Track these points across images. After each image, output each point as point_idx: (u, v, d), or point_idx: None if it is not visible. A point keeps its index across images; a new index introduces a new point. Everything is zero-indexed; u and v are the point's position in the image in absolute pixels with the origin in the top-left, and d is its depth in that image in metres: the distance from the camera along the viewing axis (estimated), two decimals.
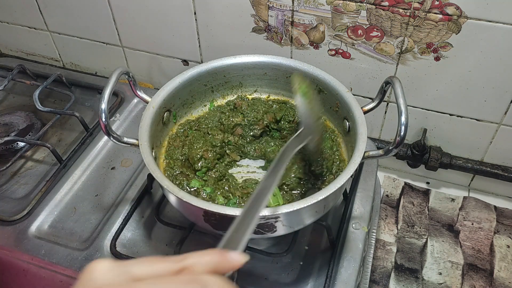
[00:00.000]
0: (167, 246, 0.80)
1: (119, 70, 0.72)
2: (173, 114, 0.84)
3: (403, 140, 0.63)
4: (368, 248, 0.88)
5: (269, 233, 0.67)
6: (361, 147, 0.68)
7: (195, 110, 0.89)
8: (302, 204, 0.61)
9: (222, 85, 0.88)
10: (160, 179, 0.65)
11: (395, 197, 1.05)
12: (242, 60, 0.85)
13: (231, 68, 0.86)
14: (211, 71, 0.85)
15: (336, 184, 0.64)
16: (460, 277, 0.91)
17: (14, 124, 1.02)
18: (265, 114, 0.85)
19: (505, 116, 0.92)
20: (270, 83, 0.88)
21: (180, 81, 0.82)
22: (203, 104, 0.89)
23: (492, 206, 1.03)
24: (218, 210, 0.61)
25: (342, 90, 0.77)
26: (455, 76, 0.90)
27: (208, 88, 0.87)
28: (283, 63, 0.84)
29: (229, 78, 0.87)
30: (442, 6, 0.80)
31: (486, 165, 1.00)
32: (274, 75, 0.86)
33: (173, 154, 0.80)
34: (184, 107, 0.86)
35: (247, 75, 0.87)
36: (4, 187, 0.91)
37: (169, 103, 0.81)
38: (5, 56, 1.34)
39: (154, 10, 1.04)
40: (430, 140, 1.03)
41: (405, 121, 0.63)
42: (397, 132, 0.64)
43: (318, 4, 0.88)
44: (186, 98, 0.86)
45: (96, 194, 0.89)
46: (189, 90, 0.85)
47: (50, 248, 0.79)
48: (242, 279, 0.74)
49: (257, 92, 0.90)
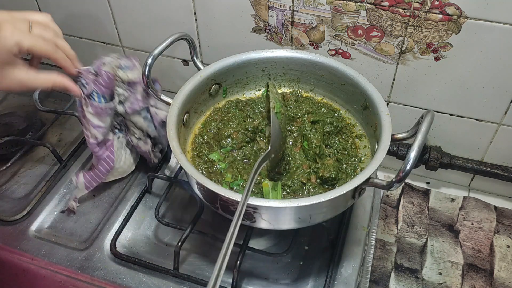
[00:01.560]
0: (167, 246, 0.80)
1: (179, 33, 0.77)
2: (223, 88, 0.87)
3: (407, 176, 0.60)
4: (368, 248, 0.88)
5: (249, 221, 0.68)
6: (367, 172, 0.65)
7: (248, 92, 0.91)
8: (279, 204, 0.62)
9: (280, 76, 0.89)
10: (171, 138, 0.70)
11: (395, 197, 1.05)
12: (300, 56, 0.86)
13: (290, 61, 0.87)
14: (270, 59, 0.87)
15: (320, 198, 0.62)
16: (460, 277, 0.91)
17: (14, 124, 1.02)
18: (308, 114, 0.84)
19: (505, 116, 0.92)
20: (326, 86, 0.88)
21: (236, 60, 0.85)
22: (258, 88, 0.91)
23: (492, 206, 1.03)
24: (204, 183, 0.64)
25: (383, 111, 0.75)
26: (455, 76, 0.90)
27: (265, 74, 0.89)
28: (339, 68, 0.83)
29: (287, 70, 0.88)
30: (442, 6, 0.80)
31: (486, 165, 1.00)
32: (331, 79, 0.86)
33: (209, 124, 0.83)
34: (237, 85, 0.89)
35: (305, 72, 0.88)
36: (4, 187, 0.91)
37: (220, 77, 0.85)
38: None
39: (154, 10, 1.04)
40: (430, 140, 1.03)
41: (414, 158, 0.59)
42: (402, 166, 0.60)
43: (318, 4, 0.88)
44: (240, 78, 0.88)
45: (96, 194, 0.89)
46: (244, 71, 0.87)
47: (50, 248, 0.79)
48: (242, 279, 0.74)
49: (313, 91, 0.90)
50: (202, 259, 0.78)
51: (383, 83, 0.96)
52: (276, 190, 0.73)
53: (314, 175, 0.76)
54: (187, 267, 0.76)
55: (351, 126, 0.84)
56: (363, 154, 0.80)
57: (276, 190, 0.73)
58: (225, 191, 0.63)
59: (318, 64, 0.85)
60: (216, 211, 0.71)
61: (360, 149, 0.81)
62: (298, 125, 0.83)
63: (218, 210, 0.70)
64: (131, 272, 0.75)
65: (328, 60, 0.84)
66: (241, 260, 0.72)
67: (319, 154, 0.77)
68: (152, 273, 0.75)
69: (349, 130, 0.84)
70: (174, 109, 0.76)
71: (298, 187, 0.74)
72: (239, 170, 0.76)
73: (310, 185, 0.75)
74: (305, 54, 0.86)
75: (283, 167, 0.77)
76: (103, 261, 0.77)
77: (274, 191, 0.72)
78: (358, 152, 0.81)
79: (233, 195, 0.62)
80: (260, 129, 0.82)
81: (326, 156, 0.78)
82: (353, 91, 0.82)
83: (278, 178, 0.75)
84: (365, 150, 0.81)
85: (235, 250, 0.75)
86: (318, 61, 0.85)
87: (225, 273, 0.74)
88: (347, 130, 0.83)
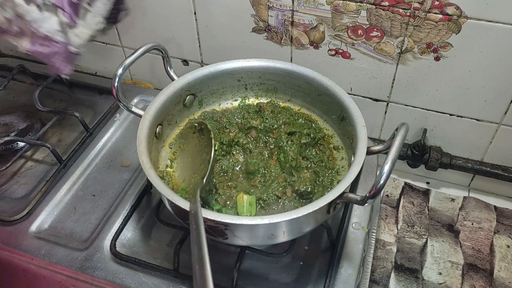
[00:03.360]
0: (167, 246, 0.80)
1: (151, 44, 0.75)
2: (198, 99, 0.85)
3: (381, 190, 0.57)
4: (368, 248, 0.88)
5: (221, 238, 0.66)
6: (342, 187, 0.63)
7: (225, 102, 0.89)
8: (250, 221, 0.60)
9: (257, 85, 0.88)
10: (140, 152, 0.68)
11: (395, 197, 1.05)
12: (276, 65, 0.84)
13: (267, 71, 0.85)
14: (246, 69, 0.85)
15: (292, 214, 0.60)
16: (460, 277, 0.91)
17: (14, 124, 1.02)
18: (284, 125, 0.83)
19: (505, 116, 0.92)
20: (304, 96, 0.86)
21: (211, 70, 0.83)
22: (234, 98, 0.89)
23: (492, 206, 1.03)
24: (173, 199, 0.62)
25: (359, 123, 0.73)
26: (455, 76, 0.90)
27: (241, 84, 0.88)
28: (316, 79, 0.81)
29: (264, 80, 0.87)
30: (442, 6, 0.80)
31: (486, 165, 1.00)
32: (308, 89, 0.84)
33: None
34: (213, 96, 0.87)
35: (282, 82, 0.86)
36: (4, 187, 0.91)
37: (194, 87, 0.83)
38: (5, 56, 1.34)
39: (154, 10, 1.04)
40: (430, 140, 1.03)
41: (388, 171, 0.57)
42: (375, 181, 0.57)
43: (318, 4, 0.88)
44: (216, 88, 0.86)
45: (96, 194, 0.89)
46: (220, 81, 0.85)
47: (50, 248, 0.79)
48: (242, 279, 0.74)
49: (290, 102, 0.88)
50: None
51: (383, 83, 0.96)
52: (251, 204, 0.72)
53: (290, 189, 0.74)
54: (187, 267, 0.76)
55: (329, 137, 0.83)
56: (340, 166, 0.79)
57: (251, 204, 0.72)
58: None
59: (295, 74, 0.83)
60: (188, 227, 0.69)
61: (337, 160, 0.80)
62: (274, 136, 0.82)
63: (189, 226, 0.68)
64: (131, 272, 0.75)
65: (305, 70, 0.82)
66: (241, 260, 0.72)
67: (295, 167, 0.76)
68: (152, 273, 0.75)
69: (327, 141, 0.82)
70: (145, 122, 0.73)
71: (273, 201, 0.73)
72: (214, 184, 0.74)
73: (286, 198, 0.73)
74: (282, 64, 0.84)
75: (258, 180, 0.76)
76: (103, 261, 0.77)
77: (249, 206, 0.71)
78: (335, 164, 0.79)
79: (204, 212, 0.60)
80: (235, 142, 0.80)
81: (303, 169, 0.77)
82: (330, 101, 0.80)
83: (253, 192, 0.74)
84: (343, 161, 0.79)
85: (235, 250, 0.75)
86: (295, 71, 0.83)
87: (225, 273, 0.74)
88: (325, 142, 0.82)
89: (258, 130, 0.82)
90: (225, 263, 0.76)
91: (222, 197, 0.73)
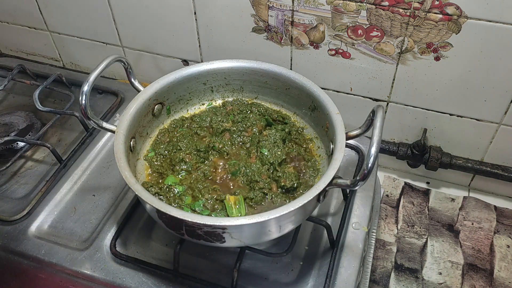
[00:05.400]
0: (167, 246, 0.80)
1: (113, 56, 0.73)
2: (166, 108, 0.84)
3: (371, 172, 0.59)
4: (368, 248, 0.88)
5: (218, 242, 0.66)
6: (330, 173, 0.64)
7: (192, 107, 0.89)
8: (249, 220, 0.60)
9: (223, 87, 0.88)
10: (121, 168, 0.67)
11: (395, 197, 1.05)
12: (241, 65, 0.84)
13: (231, 71, 0.85)
14: (211, 71, 0.85)
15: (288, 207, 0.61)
16: (460, 277, 0.91)
17: (14, 124, 1.02)
18: (256, 121, 0.84)
19: (505, 116, 0.92)
20: (271, 92, 0.87)
21: (176, 77, 0.82)
22: (202, 102, 0.89)
23: (492, 206, 1.03)
24: (166, 210, 0.61)
25: (333, 111, 0.74)
26: (455, 76, 0.90)
27: (207, 88, 0.87)
28: (282, 74, 0.82)
29: (229, 81, 0.87)
30: (442, 6, 0.80)
31: (486, 165, 1.00)
32: (275, 84, 0.85)
33: (158, 147, 0.81)
34: (180, 102, 0.86)
35: (248, 80, 0.86)
36: (4, 187, 0.91)
37: (162, 96, 0.82)
38: (5, 56, 1.34)
39: (154, 10, 1.04)
40: (430, 140, 1.03)
41: (374, 153, 0.58)
42: (364, 164, 0.59)
43: (318, 4, 0.88)
44: (183, 94, 0.85)
45: (96, 194, 0.89)
46: (186, 86, 0.85)
47: (50, 248, 0.79)
48: (242, 279, 0.74)
49: (257, 99, 0.89)
50: (202, 259, 0.78)
51: (383, 83, 0.96)
52: (240, 204, 0.72)
53: (275, 184, 0.75)
54: (187, 267, 0.76)
55: (302, 129, 0.84)
56: (317, 155, 0.80)
57: (240, 204, 0.72)
58: (190, 216, 0.60)
59: (260, 71, 0.84)
60: (182, 237, 0.69)
61: (314, 151, 0.81)
62: (249, 135, 0.82)
63: (184, 236, 0.68)
64: (131, 272, 0.75)
65: (271, 66, 0.83)
66: (241, 260, 0.72)
67: (279, 162, 0.77)
68: (152, 273, 0.75)
69: (301, 134, 0.83)
70: (120, 137, 0.72)
71: (260, 198, 0.73)
72: (199, 189, 0.74)
73: (272, 194, 0.74)
74: (246, 63, 0.84)
75: (241, 180, 0.76)
76: (103, 261, 0.77)
77: (237, 208, 0.72)
78: (313, 154, 0.81)
79: (200, 218, 0.60)
80: (211, 147, 0.81)
81: (286, 164, 0.78)
82: (298, 94, 0.81)
83: (239, 192, 0.74)
84: (320, 150, 0.81)
85: (235, 250, 0.75)
86: (260, 68, 0.83)
87: (225, 273, 0.74)
88: (299, 135, 0.83)
89: (231, 132, 0.83)
90: (225, 263, 0.76)
91: (210, 202, 0.73)
